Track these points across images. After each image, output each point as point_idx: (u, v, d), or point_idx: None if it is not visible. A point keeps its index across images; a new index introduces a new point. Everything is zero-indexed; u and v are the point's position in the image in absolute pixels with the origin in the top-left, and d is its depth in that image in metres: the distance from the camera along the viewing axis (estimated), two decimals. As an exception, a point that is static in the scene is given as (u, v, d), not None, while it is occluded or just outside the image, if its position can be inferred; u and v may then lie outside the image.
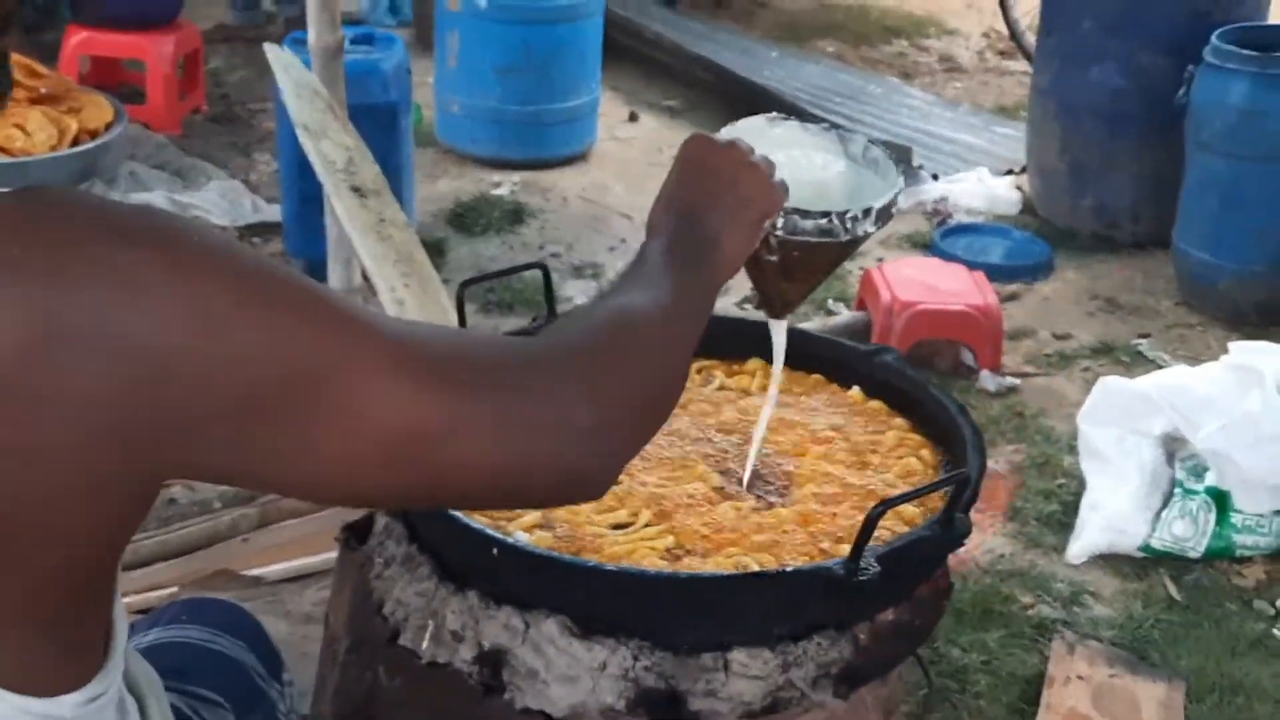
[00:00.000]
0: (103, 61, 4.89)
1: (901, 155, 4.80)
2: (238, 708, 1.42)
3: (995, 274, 4.10)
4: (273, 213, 4.19)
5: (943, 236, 4.41)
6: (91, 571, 1.00)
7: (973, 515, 1.61)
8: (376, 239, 2.32)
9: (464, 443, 0.99)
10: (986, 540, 3.05)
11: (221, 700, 1.41)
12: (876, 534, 1.45)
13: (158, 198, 4.18)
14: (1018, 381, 3.69)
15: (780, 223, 1.38)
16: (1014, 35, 6.10)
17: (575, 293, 3.96)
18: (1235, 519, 2.92)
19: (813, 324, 3.82)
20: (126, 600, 1.82)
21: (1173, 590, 2.90)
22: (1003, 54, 6.27)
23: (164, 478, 0.97)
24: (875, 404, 1.83)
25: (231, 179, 4.43)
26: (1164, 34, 4.14)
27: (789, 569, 1.47)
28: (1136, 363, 3.71)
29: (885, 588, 1.48)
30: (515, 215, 4.42)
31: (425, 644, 1.51)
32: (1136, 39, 4.20)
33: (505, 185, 4.63)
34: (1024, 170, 4.77)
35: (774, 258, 1.44)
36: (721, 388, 1.88)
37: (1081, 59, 4.32)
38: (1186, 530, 2.93)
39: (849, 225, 1.43)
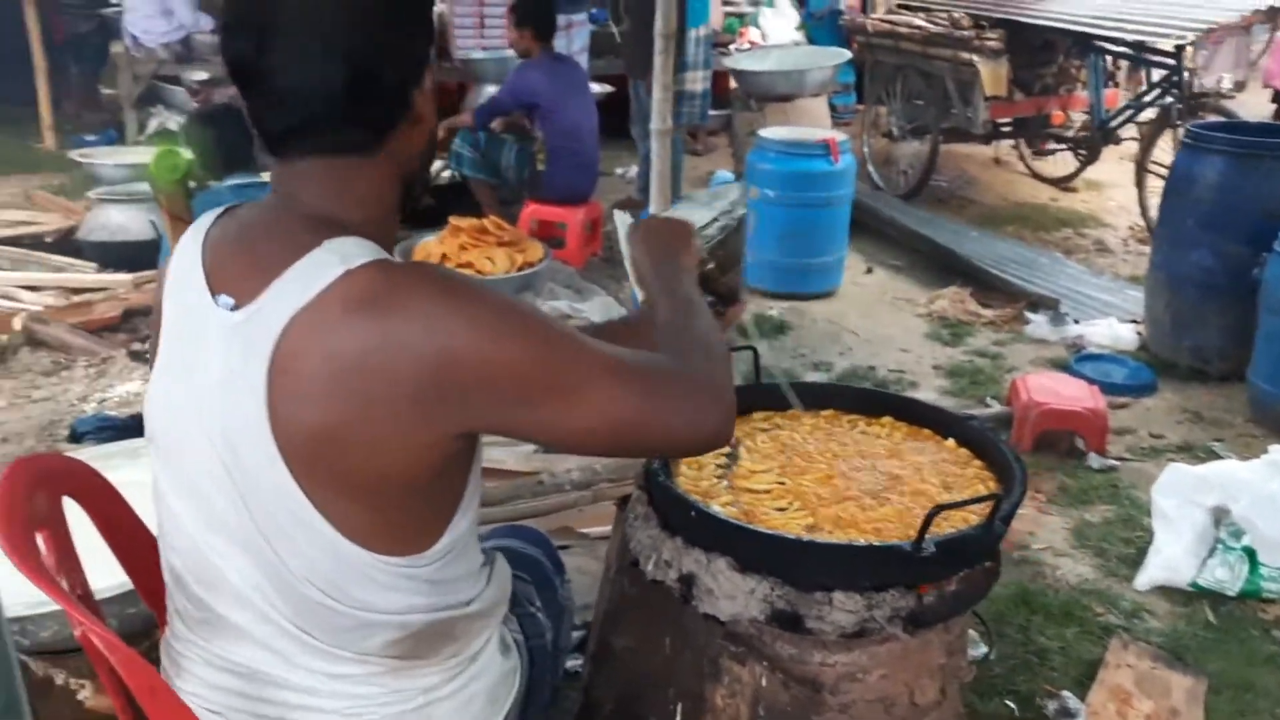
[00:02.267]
0: (544, 223, 5.18)
1: (1050, 305, 4.63)
2: (536, 583, 1.53)
3: (1113, 389, 3.89)
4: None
5: (1077, 361, 4.20)
6: (425, 483, 1.08)
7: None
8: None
9: (650, 426, 1.08)
10: (1078, 568, 2.91)
11: (528, 578, 1.51)
12: (948, 531, 1.48)
13: (562, 304, 4.46)
14: (1117, 463, 3.48)
15: (699, 243, 1.48)
16: (1149, 228, 5.74)
17: (811, 378, 4.00)
18: (1262, 570, 2.67)
19: (973, 410, 3.73)
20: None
21: (1210, 616, 2.67)
22: (1141, 241, 5.91)
23: (463, 430, 1.06)
24: (963, 451, 1.82)
25: (608, 296, 4.64)
26: (1244, 230, 3.83)
27: (873, 544, 1.49)
28: (1209, 458, 3.42)
29: (942, 563, 1.49)
30: (780, 328, 4.47)
31: (650, 567, 1.60)
32: (1224, 232, 3.90)
33: (776, 309, 4.68)
34: (1142, 320, 4.50)
35: (710, 265, 1.55)
36: (862, 432, 1.90)
37: (1184, 245, 4.05)
38: (1225, 575, 2.71)
39: (723, 216, 1.59)
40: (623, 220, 3.26)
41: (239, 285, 1.07)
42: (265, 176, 3.52)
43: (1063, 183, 6.92)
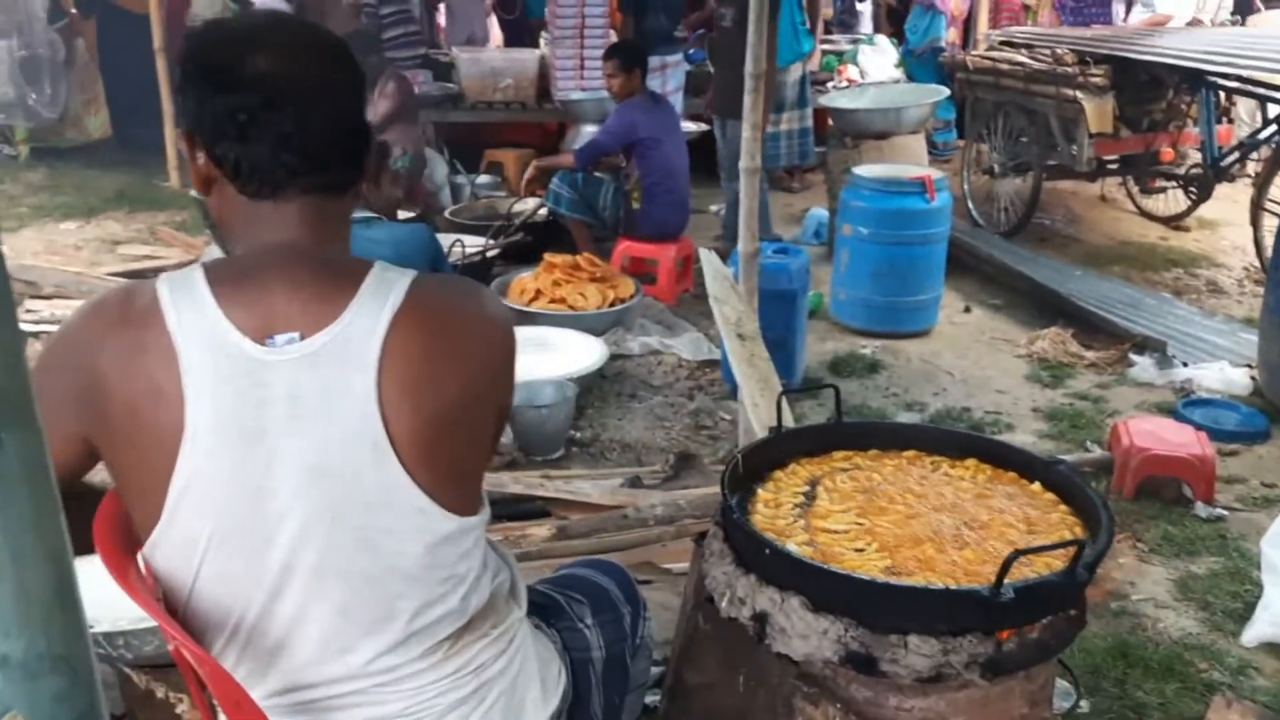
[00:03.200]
0: (636, 259, 5.22)
1: (1157, 347, 4.47)
2: (593, 604, 1.57)
3: (1223, 436, 3.73)
4: (716, 354, 4.32)
5: (1184, 406, 4.03)
6: (488, 450, 1.29)
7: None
8: (748, 365, 2.45)
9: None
10: (1181, 621, 2.79)
11: (583, 599, 1.56)
12: (1029, 576, 1.44)
13: (653, 340, 4.49)
14: (1226, 513, 3.33)
15: None
16: (1265, 269, 5.50)
17: (904, 421, 3.93)
18: (1383, 630, 2.52)
19: (1072, 456, 3.62)
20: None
21: (1325, 676, 2.53)
22: (1257, 282, 5.66)
23: (504, 399, 1.28)
24: (1049, 496, 1.77)
25: (698, 332, 4.64)
26: (1367, 270, 3.67)
27: (949, 587, 1.46)
28: (1326, 509, 3.26)
29: (1022, 610, 1.45)
30: (873, 367, 4.40)
31: (724, 604, 1.60)
32: (1345, 273, 3.74)
33: (869, 347, 4.62)
34: (1256, 365, 4.30)
35: None
36: (945, 474, 1.87)
37: (1301, 286, 3.89)
38: (1341, 633, 2.56)
39: None
40: (709, 259, 3.30)
41: (295, 322, 1.13)
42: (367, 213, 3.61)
43: (1173, 221, 6.69)
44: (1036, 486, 1.80)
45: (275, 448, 1.13)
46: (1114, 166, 6.34)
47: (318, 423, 1.12)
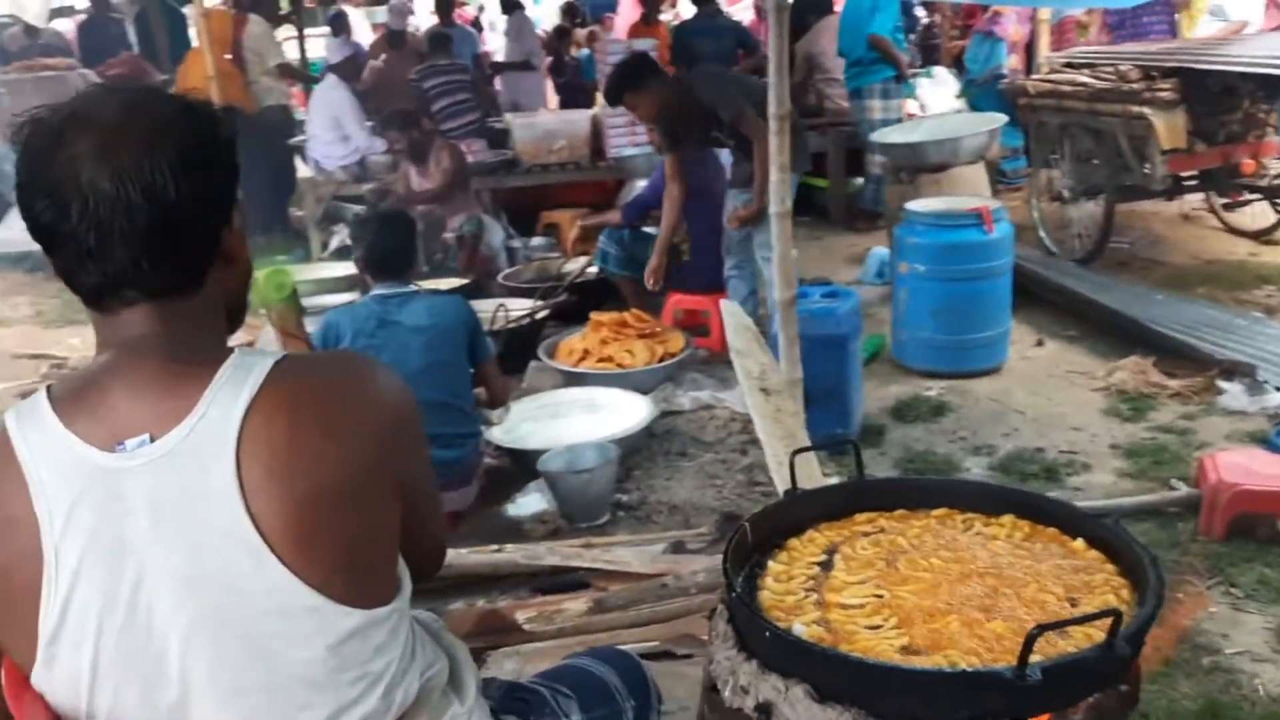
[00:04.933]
0: (688, 312, 5.11)
1: (1246, 372, 4.17)
2: (584, 701, 1.45)
3: (1325, 465, 3.42)
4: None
5: (1278, 434, 3.73)
6: (393, 531, 1.16)
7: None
8: (773, 422, 2.31)
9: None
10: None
11: (571, 694, 1.44)
12: (1064, 653, 1.28)
13: (705, 395, 4.36)
14: (1331, 551, 3.03)
15: None
16: (1368, 280, 5.12)
17: (972, 465, 3.71)
18: None
19: (1155, 495, 3.37)
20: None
21: None
22: (1362, 295, 5.28)
23: (403, 475, 1.16)
24: (1093, 553, 1.59)
25: (753, 384, 4.49)
26: None
27: (965, 670, 1.30)
28: None
29: (1053, 692, 1.28)
30: (938, 410, 4.18)
31: (727, 694, 1.47)
32: None
33: (934, 389, 4.39)
34: (1362, 384, 3.96)
35: None
36: (978, 533, 1.70)
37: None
38: None
39: None
40: (730, 310, 3.17)
41: (144, 424, 1.05)
42: (416, 286, 3.59)
43: (1262, 236, 6.32)
44: (1079, 543, 1.62)
45: (143, 562, 1.04)
46: (1192, 183, 6.03)
47: (183, 529, 1.04)
